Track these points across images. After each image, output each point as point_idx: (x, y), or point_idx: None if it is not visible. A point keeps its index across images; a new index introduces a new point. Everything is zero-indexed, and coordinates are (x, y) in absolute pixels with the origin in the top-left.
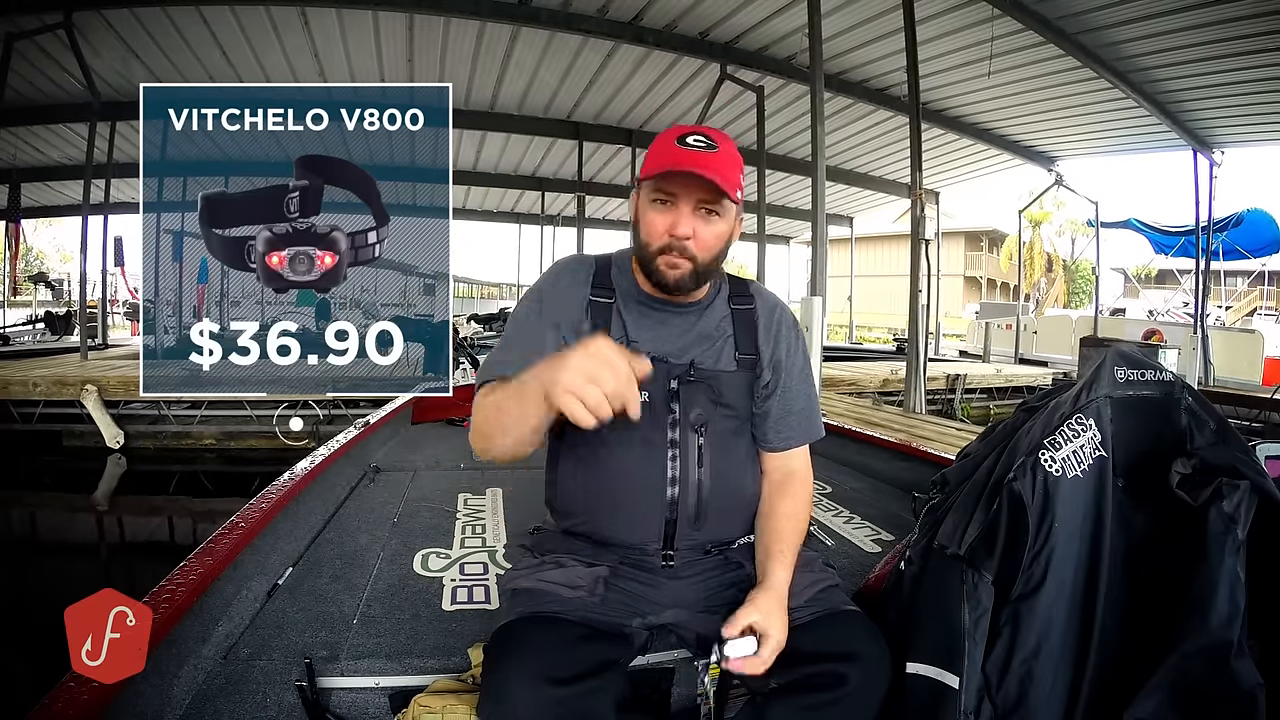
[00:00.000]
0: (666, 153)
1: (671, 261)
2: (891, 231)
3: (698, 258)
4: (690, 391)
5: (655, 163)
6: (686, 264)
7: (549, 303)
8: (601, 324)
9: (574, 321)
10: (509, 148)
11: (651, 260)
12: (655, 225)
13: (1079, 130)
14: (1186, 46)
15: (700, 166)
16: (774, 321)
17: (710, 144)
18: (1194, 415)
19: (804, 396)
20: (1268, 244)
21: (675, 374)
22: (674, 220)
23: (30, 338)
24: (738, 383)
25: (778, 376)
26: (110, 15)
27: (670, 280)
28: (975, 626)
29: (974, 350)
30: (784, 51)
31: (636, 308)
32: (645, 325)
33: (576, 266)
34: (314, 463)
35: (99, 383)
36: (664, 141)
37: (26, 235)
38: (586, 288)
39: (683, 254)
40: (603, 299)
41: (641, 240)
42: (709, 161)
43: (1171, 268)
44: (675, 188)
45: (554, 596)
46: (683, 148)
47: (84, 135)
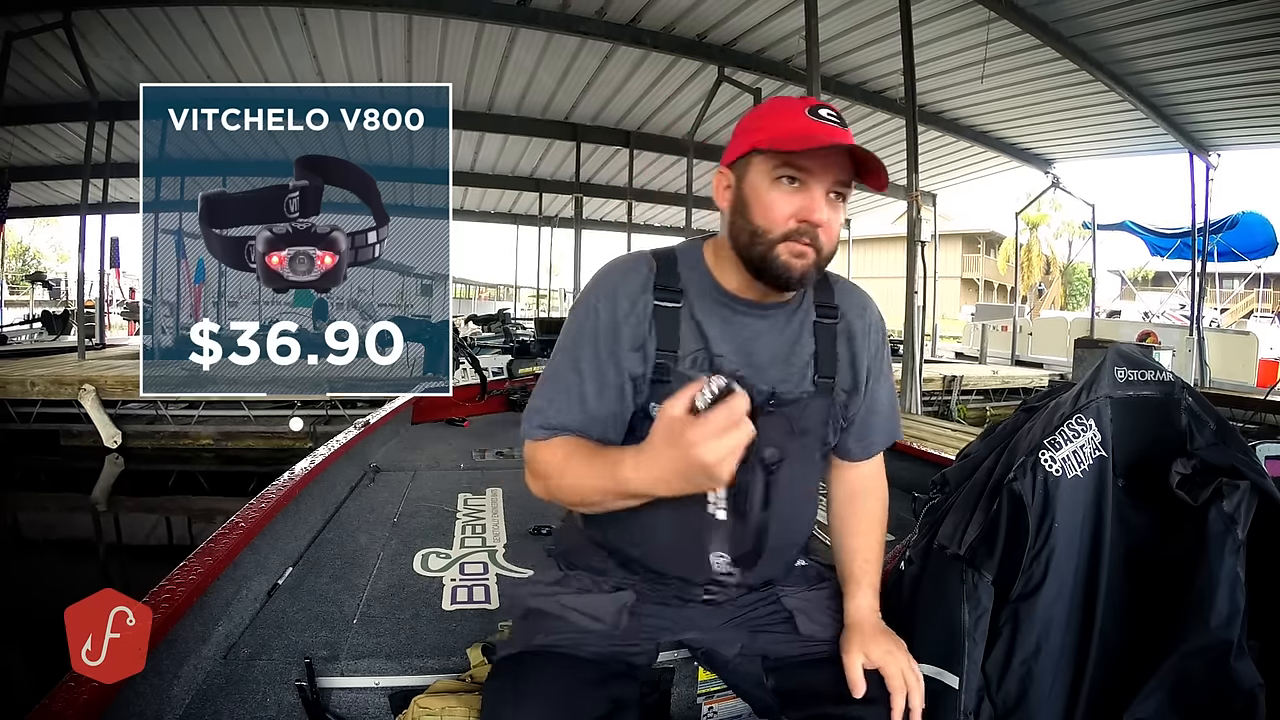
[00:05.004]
0: (800, 123)
1: (798, 249)
2: (890, 233)
3: (824, 249)
4: (767, 425)
5: (785, 133)
6: (814, 254)
7: (607, 320)
8: (669, 329)
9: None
10: (507, 148)
11: (770, 249)
12: (780, 208)
13: (1076, 133)
14: (1183, 50)
15: (848, 142)
16: (864, 331)
17: (842, 120)
18: (1194, 415)
19: (887, 397)
20: (1263, 246)
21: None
22: (807, 203)
23: (27, 337)
24: (815, 408)
25: (864, 389)
26: (109, 15)
27: (797, 273)
28: (975, 626)
29: (970, 352)
30: (781, 54)
31: (716, 311)
32: (728, 334)
33: (627, 272)
34: (314, 463)
35: (97, 382)
36: (788, 110)
37: (24, 235)
38: (648, 292)
39: (812, 242)
40: (669, 303)
41: (757, 226)
42: (848, 138)
43: (1168, 270)
44: (812, 164)
45: (572, 627)
46: (816, 120)
47: (82, 135)
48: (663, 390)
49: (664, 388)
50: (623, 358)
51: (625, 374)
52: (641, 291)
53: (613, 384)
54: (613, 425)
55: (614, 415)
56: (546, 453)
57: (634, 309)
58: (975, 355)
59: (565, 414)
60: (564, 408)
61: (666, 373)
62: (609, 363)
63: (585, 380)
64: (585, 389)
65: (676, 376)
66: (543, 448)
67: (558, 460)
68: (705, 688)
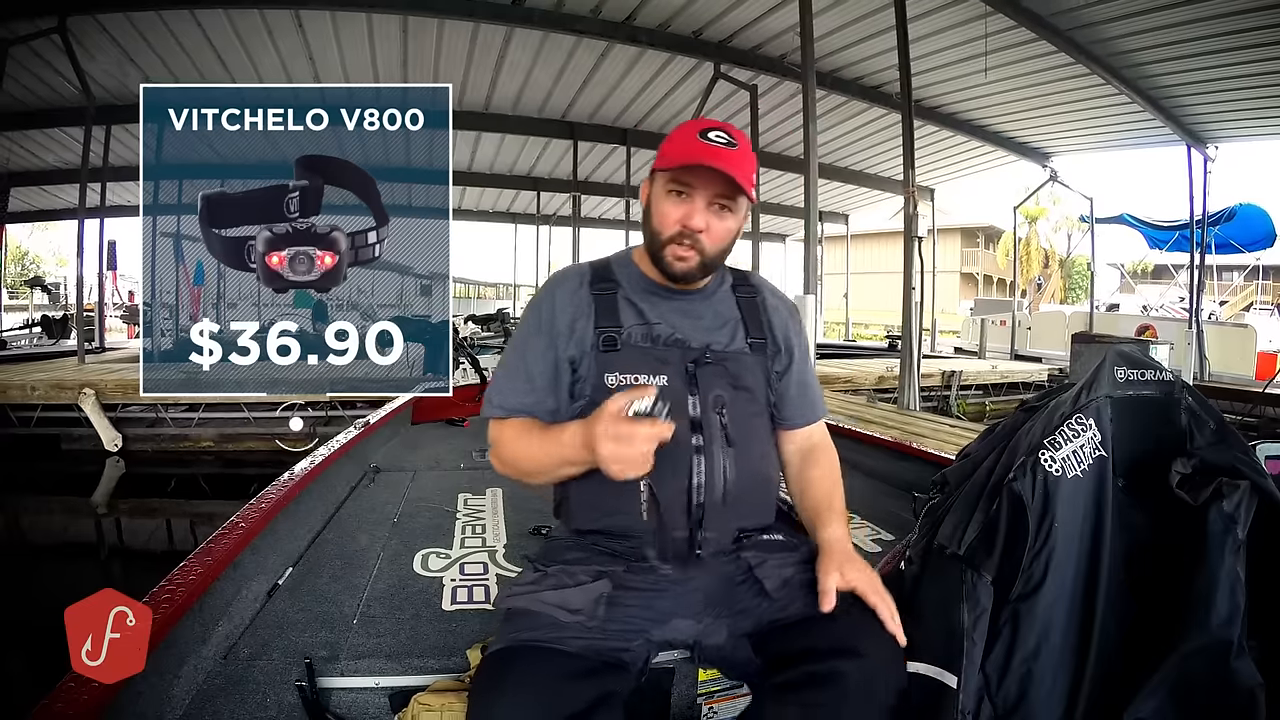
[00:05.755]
0: (688, 146)
1: (680, 253)
2: (888, 228)
3: (707, 250)
4: (708, 374)
5: (675, 154)
6: (695, 256)
7: (547, 316)
8: (609, 312)
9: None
10: (504, 148)
11: (661, 249)
12: (669, 215)
13: (1073, 126)
14: (1180, 42)
15: (721, 162)
16: (779, 307)
17: (731, 141)
18: (1194, 415)
19: (811, 374)
20: (1261, 238)
21: (692, 357)
22: (689, 212)
23: (27, 342)
24: (753, 365)
25: (789, 357)
26: (104, 19)
27: (678, 270)
28: (974, 626)
29: (969, 347)
30: (777, 50)
31: (646, 296)
32: (660, 310)
33: (566, 276)
34: (314, 463)
35: (97, 386)
36: (685, 134)
37: (22, 240)
38: (585, 288)
39: (693, 245)
40: (606, 292)
41: (654, 228)
42: (729, 158)
43: (1167, 263)
44: (694, 180)
45: (549, 621)
46: (704, 142)
47: (79, 139)
48: (611, 357)
49: (614, 354)
50: (561, 345)
51: (565, 359)
52: (579, 288)
53: (554, 366)
54: (556, 401)
55: (558, 390)
56: (504, 430)
57: (573, 301)
58: (974, 350)
59: (517, 395)
60: (516, 388)
61: (614, 343)
62: (549, 350)
63: (530, 365)
64: (531, 372)
65: (625, 346)
66: (501, 426)
67: (512, 435)
68: (705, 688)
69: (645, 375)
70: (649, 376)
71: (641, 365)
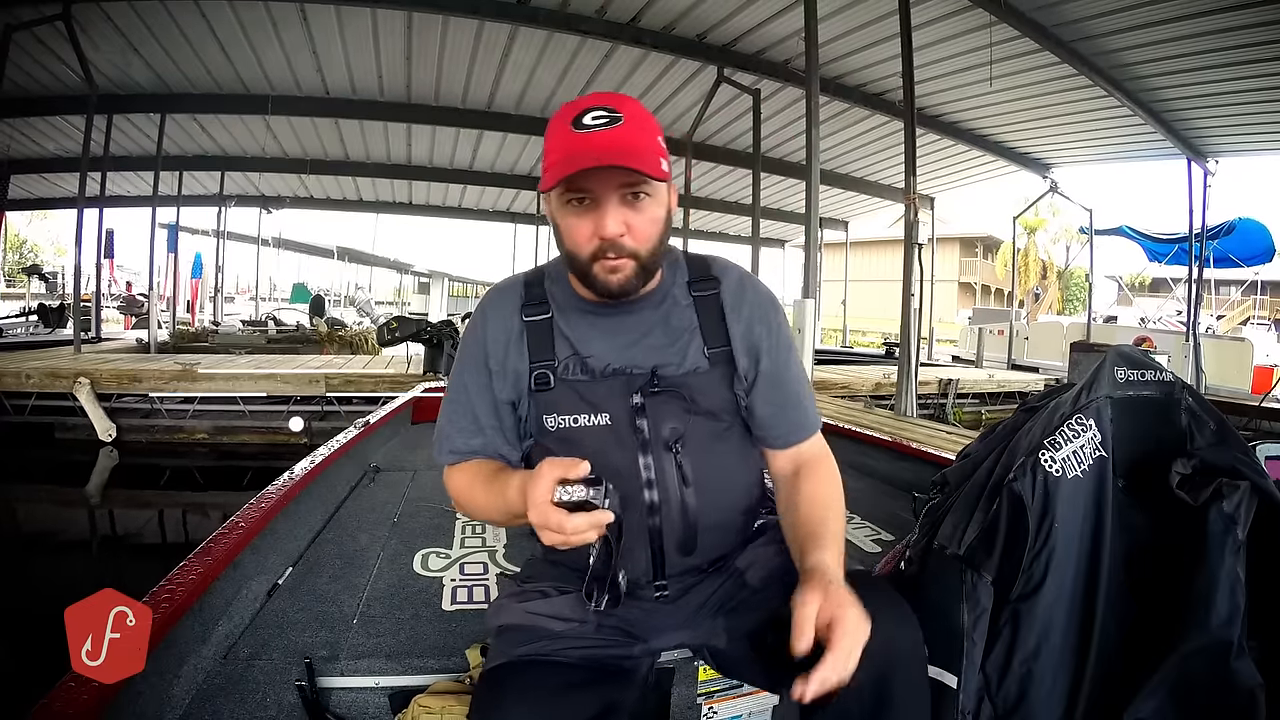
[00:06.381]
0: (565, 143)
1: (610, 266)
2: (887, 236)
3: (639, 251)
4: (658, 405)
5: (555, 158)
6: (628, 263)
7: (480, 345)
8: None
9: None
10: (505, 147)
11: (588, 270)
12: (579, 232)
13: (1074, 137)
14: (1182, 56)
15: (610, 151)
16: (742, 300)
17: (613, 115)
18: (1194, 416)
19: (794, 381)
20: (1260, 253)
21: (637, 386)
22: (597, 221)
23: (23, 330)
24: (713, 382)
25: (756, 365)
26: (109, 7)
27: (615, 286)
28: (974, 627)
29: (967, 355)
30: (781, 55)
31: (580, 317)
32: (594, 335)
33: (500, 296)
34: (314, 463)
35: (92, 375)
36: (558, 129)
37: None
38: (516, 315)
39: (620, 253)
40: (538, 316)
41: (569, 250)
42: (617, 140)
43: (1165, 276)
44: (587, 184)
45: (543, 632)
46: (581, 132)
47: (80, 128)
48: (547, 398)
49: (548, 394)
50: (497, 386)
51: (505, 402)
52: (512, 313)
53: (496, 401)
54: (506, 440)
55: (506, 430)
56: (455, 477)
57: (505, 330)
58: (971, 359)
59: (465, 436)
60: (463, 428)
61: (547, 381)
62: (487, 390)
63: (475, 403)
64: (476, 409)
65: (559, 383)
66: (451, 472)
67: (464, 484)
68: (705, 688)
69: (585, 416)
70: (588, 417)
71: (579, 405)
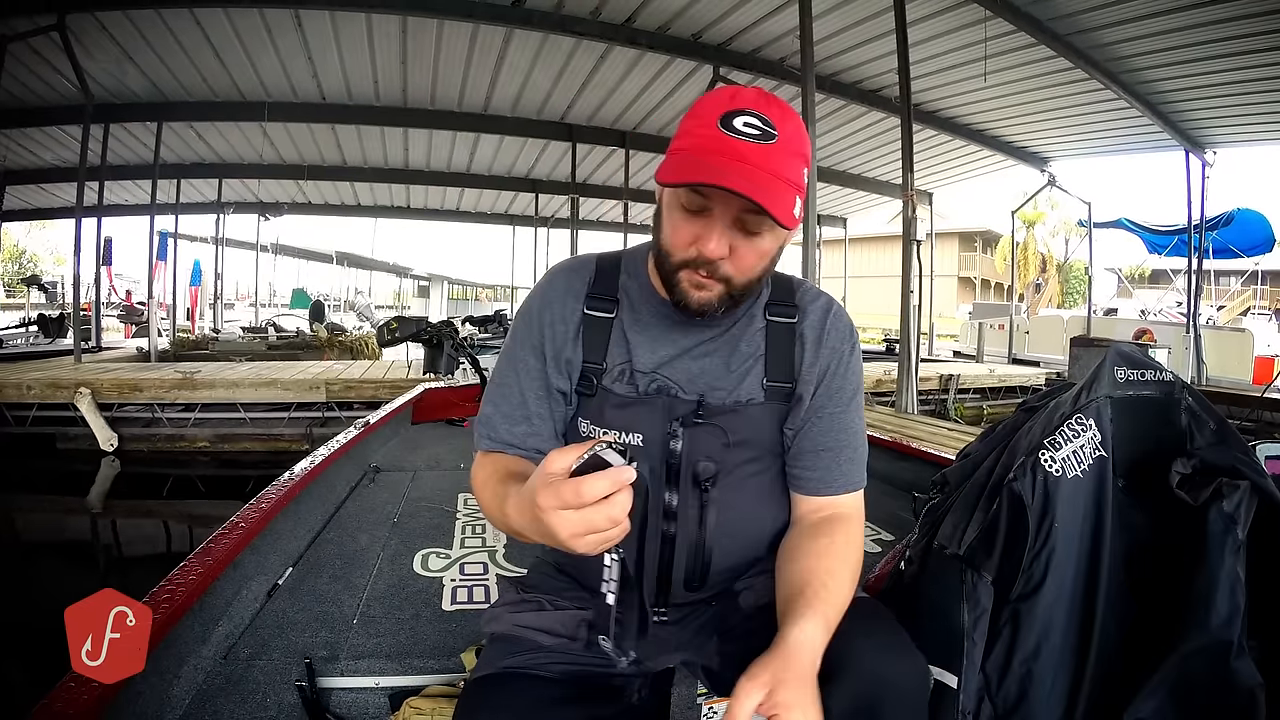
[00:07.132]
0: (704, 140)
1: (697, 280)
2: (886, 232)
3: (733, 279)
4: (696, 437)
5: (687, 153)
6: (717, 286)
7: (536, 326)
8: (596, 340)
9: (565, 347)
10: (502, 150)
11: (672, 274)
12: (680, 234)
13: (1071, 131)
14: (1179, 47)
15: (748, 174)
16: (822, 337)
17: (767, 130)
18: (1194, 415)
19: (852, 430)
20: (1260, 243)
21: (679, 413)
22: (703, 233)
23: (23, 340)
24: (763, 417)
25: (817, 402)
26: (104, 17)
27: (694, 303)
28: (975, 627)
29: (967, 350)
30: (776, 54)
31: (649, 321)
32: (657, 346)
33: (566, 277)
34: (314, 463)
35: (93, 385)
36: (703, 119)
37: (20, 238)
38: (580, 302)
39: (713, 274)
40: (600, 313)
41: (662, 245)
42: (762, 163)
43: (1165, 268)
44: (709, 194)
45: (532, 645)
46: (729, 136)
47: (77, 138)
48: (588, 404)
49: (589, 400)
50: (551, 372)
51: (557, 391)
52: (575, 300)
53: (550, 388)
54: (555, 432)
55: (556, 421)
56: (478, 470)
57: (565, 320)
58: (972, 354)
59: (510, 423)
60: (508, 413)
61: (591, 385)
62: (542, 371)
63: (523, 383)
64: (525, 393)
65: (600, 391)
66: (479, 461)
67: (481, 478)
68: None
69: (619, 431)
70: (619, 434)
71: (615, 418)
